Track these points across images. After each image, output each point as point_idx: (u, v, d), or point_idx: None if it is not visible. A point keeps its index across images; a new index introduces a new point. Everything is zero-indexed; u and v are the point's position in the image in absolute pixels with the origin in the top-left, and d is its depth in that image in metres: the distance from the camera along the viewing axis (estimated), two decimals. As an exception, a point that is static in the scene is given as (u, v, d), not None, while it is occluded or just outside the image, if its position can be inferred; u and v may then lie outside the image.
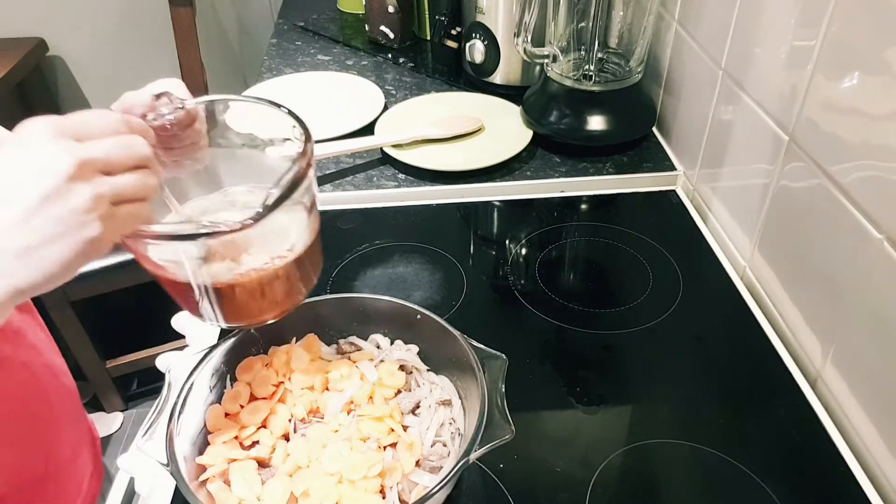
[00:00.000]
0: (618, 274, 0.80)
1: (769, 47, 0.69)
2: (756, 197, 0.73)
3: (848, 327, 0.59)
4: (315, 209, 0.50)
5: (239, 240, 0.44)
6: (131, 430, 1.71)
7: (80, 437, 0.69)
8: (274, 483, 0.49)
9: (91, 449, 0.71)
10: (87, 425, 0.73)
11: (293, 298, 0.52)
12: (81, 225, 0.36)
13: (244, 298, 0.48)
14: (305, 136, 0.47)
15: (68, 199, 0.36)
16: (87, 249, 0.37)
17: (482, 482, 0.56)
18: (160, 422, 0.49)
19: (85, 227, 0.36)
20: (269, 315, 0.52)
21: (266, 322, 0.52)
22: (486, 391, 0.50)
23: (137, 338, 1.64)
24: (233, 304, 0.49)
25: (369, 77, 1.18)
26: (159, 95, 0.46)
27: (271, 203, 0.42)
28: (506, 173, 0.93)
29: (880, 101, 0.53)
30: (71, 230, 0.36)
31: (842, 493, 0.55)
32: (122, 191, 0.38)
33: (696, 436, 0.59)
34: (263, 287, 0.48)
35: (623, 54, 0.97)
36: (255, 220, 0.42)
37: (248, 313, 0.51)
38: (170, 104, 0.46)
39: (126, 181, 0.39)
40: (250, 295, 0.48)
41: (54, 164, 0.36)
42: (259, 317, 0.52)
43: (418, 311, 0.58)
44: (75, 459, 0.67)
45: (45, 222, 0.35)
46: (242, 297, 0.48)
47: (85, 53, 1.83)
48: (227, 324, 0.52)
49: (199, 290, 0.47)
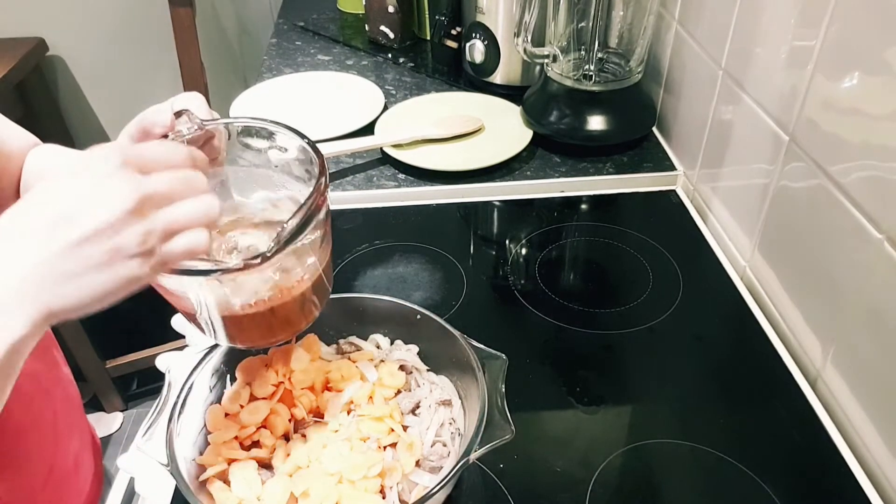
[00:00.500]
0: (618, 274, 0.80)
1: (769, 47, 0.69)
2: (756, 197, 0.73)
3: (848, 327, 0.59)
4: (328, 238, 0.49)
5: (246, 276, 0.43)
6: (131, 430, 1.71)
7: (82, 443, 0.69)
8: (274, 483, 0.49)
9: (92, 453, 0.72)
10: (89, 430, 0.73)
11: (298, 325, 0.52)
12: (124, 260, 0.36)
13: (249, 325, 0.49)
14: (320, 167, 0.46)
15: (122, 235, 0.36)
16: (127, 284, 0.37)
17: (482, 482, 0.56)
18: (160, 422, 0.49)
19: (129, 264, 0.36)
20: (275, 340, 0.52)
21: (271, 345, 0.52)
22: (486, 391, 0.50)
23: (137, 338, 1.64)
24: (236, 330, 0.49)
25: (369, 77, 1.18)
26: (179, 113, 0.46)
27: (282, 243, 0.42)
28: (506, 173, 0.93)
29: (880, 101, 0.53)
30: (116, 264, 0.36)
31: (842, 493, 0.55)
32: (174, 222, 0.38)
33: (696, 436, 0.59)
34: (270, 316, 0.48)
35: (623, 54, 0.97)
36: (265, 259, 0.41)
37: (251, 338, 0.51)
38: (189, 123, 0.46)
39: (181, 212, 0.39)
40: (255, 323, 0.48)
41: (118, 196, 0.36)
42: (263, 341, 0.52)
43: (418, 311, 0.58)
44: (77, 468, 0.67)
45: (93, 253, 0.35)
46: (247, 325, 0.48)
47: (85, 53, 1.82)
48: (229, 345, 0.52)
49: (206, 321, 0.48)
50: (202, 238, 0.39)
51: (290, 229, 0.42)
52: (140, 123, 0.46)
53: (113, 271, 0.36)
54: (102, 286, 0.36)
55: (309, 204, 0.43)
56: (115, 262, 0.36)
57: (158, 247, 0.38)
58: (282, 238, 0.42)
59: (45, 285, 0.35)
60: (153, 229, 0.37)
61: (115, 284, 0.36)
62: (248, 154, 0.51)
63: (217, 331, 0.49)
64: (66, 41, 1.80)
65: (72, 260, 0.35)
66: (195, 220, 0.39)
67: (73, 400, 0.69)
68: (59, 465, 0.63)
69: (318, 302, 0.52)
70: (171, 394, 0.51)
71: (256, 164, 0.52)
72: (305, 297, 0.49)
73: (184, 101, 0.50)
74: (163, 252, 0.38)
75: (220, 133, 0.49)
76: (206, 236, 0.39)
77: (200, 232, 0.39)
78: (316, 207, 0.44)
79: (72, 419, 0.68)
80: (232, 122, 0.50)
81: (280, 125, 0.49)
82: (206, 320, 0.48)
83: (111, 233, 0.35)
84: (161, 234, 0.38)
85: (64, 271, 0.35)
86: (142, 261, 0.37)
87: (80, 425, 0.70)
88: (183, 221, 0.39)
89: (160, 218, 0.38)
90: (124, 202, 0.36)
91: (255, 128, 0.50)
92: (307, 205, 0.43)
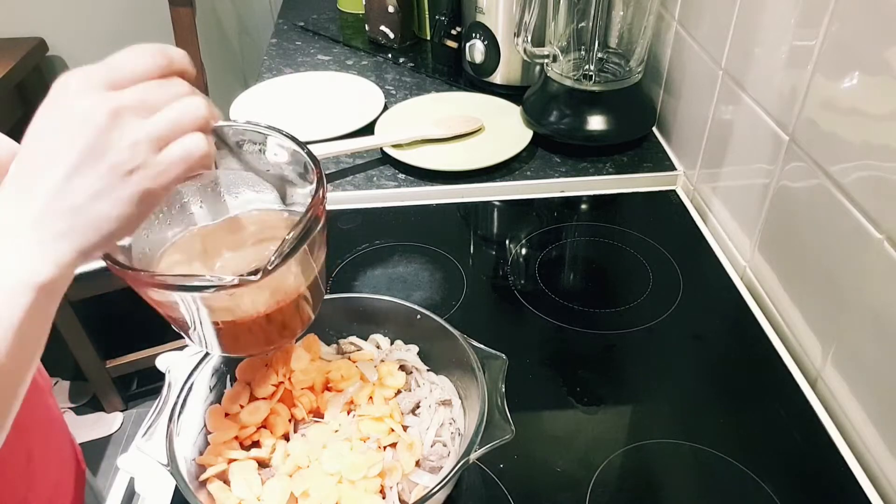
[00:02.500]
0: (618, 274, 0.80)
1: (769, 47, 0.69)
2: (756, 197, 0.73)
3: (848, 327, 0.59)
4: (323, 245, 0.48)
5: (240, 291, 0.43)
6: (131, 430, 1.71)
7: (62, 473, 0.65)
8: (274, 483, 0.49)
9: (74, 479, 0.67)
10: (73, 455, 0.69)
11: (294, 331, 0.52)
12: (123, 179, 0.35)
13: (244, 334, 0.48)
14: (318, 177, 0.45)
15: (108, 154, 0.35)
16: (138, 201, 0.36)
17: (482, 482, 0.56)
18: (160, 422, 0.49)
19: (127, 181, 0.35)
20: (270, 347, 0.52)
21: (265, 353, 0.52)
22: (486, 391, 0.50)
23: (137, 338, 1.64)
24: (231, 340, 0.48)
25: (369, 77, 1.18)
26: None
27: (280, 259, 0.41)
28: (506, 173, 0.93)
29: (880, 101, 0.53)
30: (114, 186, 0.35)
31: (842, 493, 0.55)
32: (161, 128, 0.36)
33: (696, 436, 0.59)
34: (265, 323, 0.48)
35: (623, 54, 0.97)
36: (266, 273, 0.41)
37: (247, 347, 0.51)
38: None
39: (166, 117, 0.36)
40: (250, 331, 0.48)
41: (88, 118, 0.35)
42: (258, 349, 0.52)
43: (418, 311, 0.58)
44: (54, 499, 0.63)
45: (84, 181, 0.34)
46: (242, 334, 0.48)
47: (85, 53, 1.82)
48: (221, 354, 0.52)
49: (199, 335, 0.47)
50: (199, 142, 0.37)
51: (289, 243, 0.41)
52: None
53: (118, 193, 0.35)
54: (112, 211, 0.35)
55: (308, 217, 0.42)
56: (116, 183, 0.35)
57: (152, 156, 0.36)
58: (283, 252, 0.41)
59: (60, 225, 0.35)
60: (138, 139, 0.35)
61: (127, 207, 0.35)
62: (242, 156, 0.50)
63: (210, 341, 0.48)
64: (66, 41, 1.80)
65: (69, 195, 0.34)
66: (184, 122, 0.37)
67: (53, 430, 0.65)
68: (32, 501, 0.59)
69: (314, 306, 0.52)
70: (171, 394, 0.51)
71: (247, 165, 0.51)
72: (301, 302, 0.49)
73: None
74: (160, 162, 0.36)
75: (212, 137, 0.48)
76: (202, 139, 0.37)
77: (196, 135, 0.37)
78: (315, 219, 0.43)
79: (49, 453, 0.63)
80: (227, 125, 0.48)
81: (274, 130, 0.48)
82: (199, 334, 0.47)
83: (96, 156, 0.35)
84: (149, 142, 0.36)
85: (67, 208, 0.35)
86: (143, 174, 0.35)
87: (61, 454, 0.66)
88: (169, 125, 0.36)
89: (144, 126, 0.36)
90: (96, 120, 0.34)
91: (249, 132, 0.48)
92: (306, 218, 0.42)
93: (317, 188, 0.44)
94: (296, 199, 0.50)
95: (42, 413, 0.63)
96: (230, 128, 0.47)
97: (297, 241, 0.42)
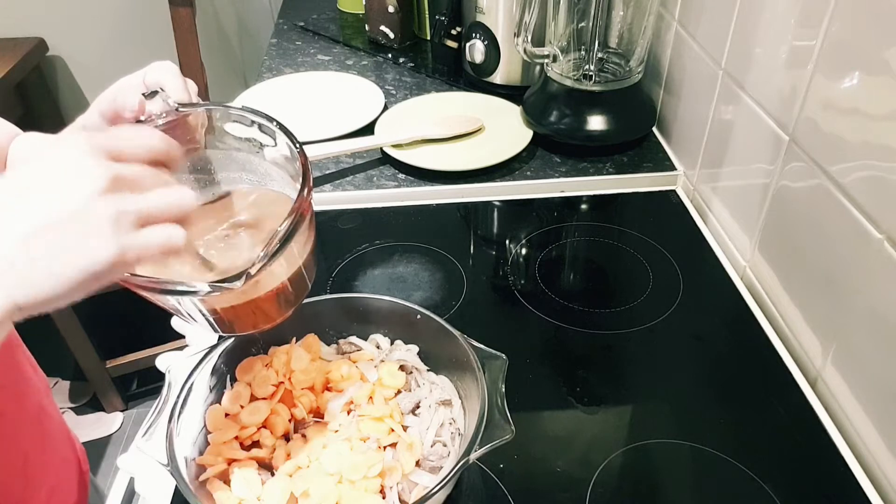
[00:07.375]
0: (618, 274, 0.80)
1: (769, 47, 0.69)
2: (756, 197, 0.73)
3: (848, 327, 0.59)
4: (311, 236, 0.48)
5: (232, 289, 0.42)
6: (131, 430, 1.72)
7: (60, 477, 0.65)
8: (274, 483, 0.49)
9: (77, 480, 0.67)
10: (74, 457, 0.68)
11: (286, 311, 0.51)
12: (100, 241, 0.34)
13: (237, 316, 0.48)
14: (303, 172, 0.45)
15: (90, 214, 0.34)
16: (96, 271, 0.34)
17: (482, 482, 0.56)
18: (160, 422, 0.49)
19: (103, 245, 0.34)
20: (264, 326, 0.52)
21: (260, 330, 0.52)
22: (486, 391, 0.50)
23: (137, 338, 1.64)
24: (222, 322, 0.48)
25: (369, 77, 1.18)
26: (153, 94, 0.45)
27: (266, 259, 0.41)
28: (506, 173, 0.93)
29: (880, 101, 0.53)
30: (82, 247, 0.34)
31: (842, 493, 0.55)
32: (149, 206, 0.36)
33: (696, 436, 0.59)
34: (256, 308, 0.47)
35: (623, 54, 0.97)
36: (249, 278, 0.40)
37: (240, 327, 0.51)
38: (163, 104, 0.45)
39: (158, 198, 0.37)
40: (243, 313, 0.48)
41: (89, 177, 0.34)
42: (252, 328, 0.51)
43: (418, 311, 0.58)
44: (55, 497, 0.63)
45: (57, 236, 0.33)
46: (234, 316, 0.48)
47: (85, 53, 1.83)
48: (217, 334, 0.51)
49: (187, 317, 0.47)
50: (179, 234, 0.37)
51: (275, 243, 0.41)
52: (112, 103, 0.44)
53: (78, 254, 0.34)
54: (68, 273, 0.34)
55: (293, 216, 0.42)
56: (82, 245, 0.34)
57: (132, 230, 0.35)
58: (269, 252, 0.41)
59: (10, 274, 0.33)
60: (127, 209, 0.35)
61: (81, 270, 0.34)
62: (228, 139, 0.50)
63: (199, 322, 0.48)
64: (66, 41, 1.80)
65: (34, 246, 0.33)
66: (170, 207, 0.37)
67: (50, 432, 0.64)
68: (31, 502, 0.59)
69: (308, 281, 0.51)
70: (171, 394, 0.51)
71: (237, 148, 0.50)
72: (294, 282, 0.49)
73: (156, 73, 0.47)
74: (138, 241, 0.36)
75: (197, 116, 0.47)
76: (181, 235, 0.37)
77: (176, 229, 0.37)
78: (301, 216, 0.43)
79: (47, 454, 0.62)
80: (208, 107, 0.49)
81: (261, 115, 0.47)
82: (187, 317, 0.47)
83: (80, 212, 0.34)
84: (135, 216, 0.35)
85: (25, 259, 0.33)
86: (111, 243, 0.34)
87: (60, 456, 0.65)
88: (159, 207, 0.37)
89: (134, 200, 0.36)
90: (96, 181, 0.34)
91: (236, 115, 0.48)
92: (292, 216, 0.42)
93: (302, 185, 0.44)
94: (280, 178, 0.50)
95: (37, 415, 0.63)
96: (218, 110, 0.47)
97: (284, 239, 0.42)
